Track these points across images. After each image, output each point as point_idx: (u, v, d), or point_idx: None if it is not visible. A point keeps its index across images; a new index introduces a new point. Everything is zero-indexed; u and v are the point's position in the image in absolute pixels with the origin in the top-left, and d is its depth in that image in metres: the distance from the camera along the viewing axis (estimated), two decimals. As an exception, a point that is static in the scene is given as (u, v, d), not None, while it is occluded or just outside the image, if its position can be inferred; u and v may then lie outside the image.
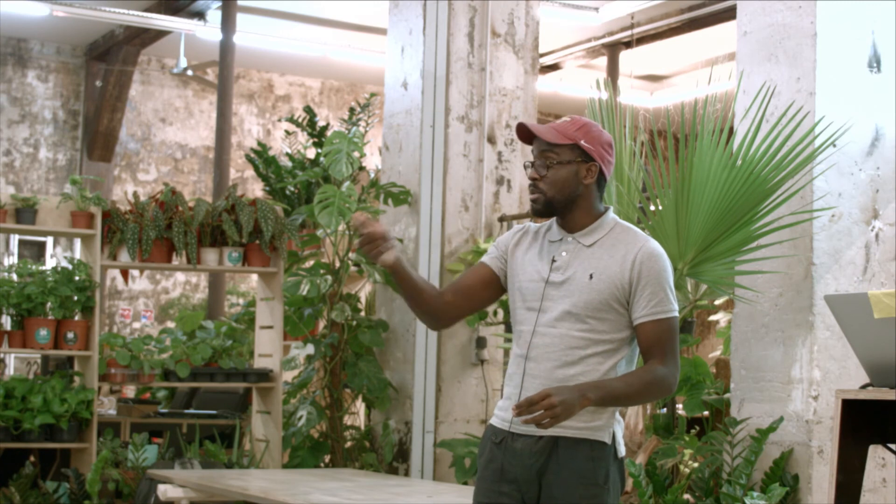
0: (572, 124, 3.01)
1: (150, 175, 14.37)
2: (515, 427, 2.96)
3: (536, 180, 3.00)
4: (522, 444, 2.95)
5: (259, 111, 14.94)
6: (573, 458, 2.90)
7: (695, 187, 4.77)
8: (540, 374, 2.94)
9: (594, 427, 2.92)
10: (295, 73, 14.98)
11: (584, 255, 2.97)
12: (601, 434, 2.93)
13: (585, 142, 2.98)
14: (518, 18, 7.28)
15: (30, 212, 6.50)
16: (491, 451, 3.03)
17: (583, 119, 3.03)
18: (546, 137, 2.98)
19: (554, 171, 2.98)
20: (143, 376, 6.70)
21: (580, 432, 2.91)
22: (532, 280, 3.01)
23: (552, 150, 2.98)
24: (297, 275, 6.81)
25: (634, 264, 2.93)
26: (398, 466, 6.87)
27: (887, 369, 3.49)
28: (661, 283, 2.94)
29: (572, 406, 2.77)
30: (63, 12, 11.99)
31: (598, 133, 3.01)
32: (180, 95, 14.55)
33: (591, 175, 2.99)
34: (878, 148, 5.04)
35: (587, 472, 2.90)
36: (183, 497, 5.34)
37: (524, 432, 2.95)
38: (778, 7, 5.09)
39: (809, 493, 4.81)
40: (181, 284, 14.37)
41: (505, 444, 2.99)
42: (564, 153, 2.98)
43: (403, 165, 7.12)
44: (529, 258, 3.05)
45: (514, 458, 2.96)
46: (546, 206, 2.99)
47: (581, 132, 2.99)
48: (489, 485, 3.01)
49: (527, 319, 3.00)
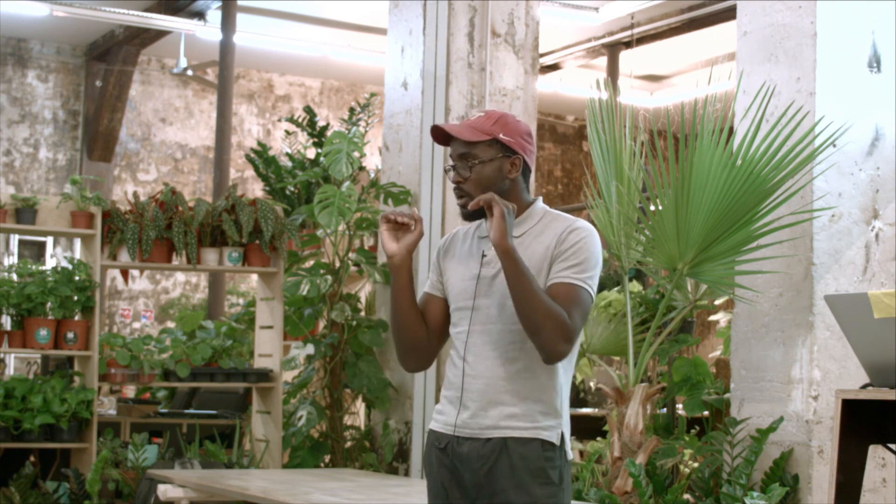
0: (488, 119, 2.89)
1: (150, 175, 14.37)
2: (460, 430, 2.86)
3: (461, 183, 2.88)
4: (469, 448, 2.84)
5: (259, 111, 14.94)
6: (525, 457, 2.80)
7: (695, 187, 4.77)
8: (482, 374, 2.84)
9: (543, 427, 2.82)
10: (295, 73, 14.99)
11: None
12: (550, 434, 2.82)
13: (504, 135, 2.87)
14: (518, 18, 7.28)
15: (30, 212, 6.50)
16: (437, 456, 2.91)
17: (497, 112, 2.92)
18: (463, 136, 2.86)
19: (477, 171, 2.86)
20: (143, 376, 6.70)
21: (528, 432, 2.81)
22: (463, 279, 2.90)
23: (472, 150, 2.87)
24: (297, 275, 6.82)
25: (559, 239, 2.82)
26: (398, 466, 6.87)
27: (887, 369, 3.49)
28: (580, 253, 2.80)
29: (500, 208, 2.69)
30: (63, 12, 11.99)
31: (516, 124, 2.90)
32: (180, 95, 14.55)
33: (516, 168, 2.89)
34: (878, 148, 5.04)
35: (541, 470, 2.80)
36: (183, 497, 5.34)
37: (469, 435, 2.84)
38: (778, 7, 5.09)
39: (809, 493, 4.81)
40: (181, 284, 14.37)
41: (451, 449, 2.87)
42: (485, 151, 2.86)
43: (403, 165, 7.12)
44: (459, 258, 2.94)
45: (462, 462, 2.85)
46: (475, 209, 2.83)
47: (498, 126, 2.88)
48: (439, 492, 2.90)
49: (462, 320, 2.90)
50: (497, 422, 2.83)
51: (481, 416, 2.84)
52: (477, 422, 2.84)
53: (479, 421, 2.84)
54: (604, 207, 5.24)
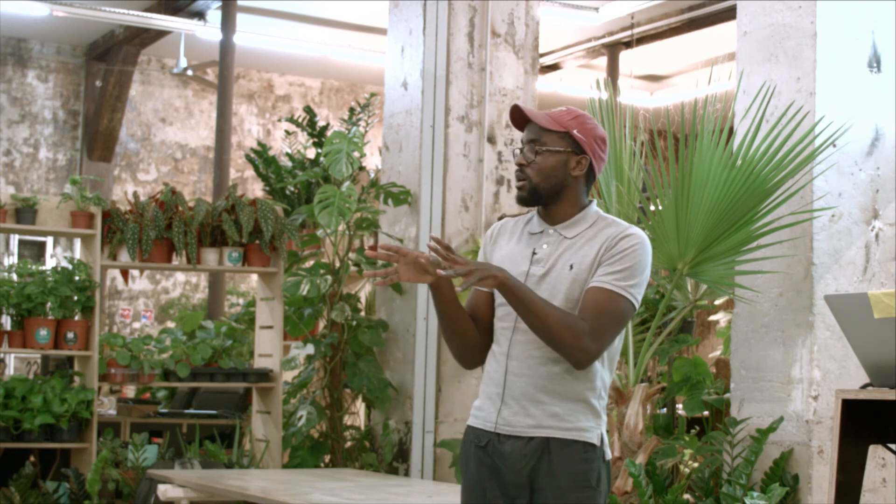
0: (567, 113, 2.93)
1: (150, 175, 14.37)
2: (501, 428, 2.85)
3: (523, 166, 2.89)
4: (511, 447, 2.83)
5: (259, 111, 14.94)
6: (566, 459, 2.80)
7: (695, 187, 4.77)
8: (524, 373, 2.84)
9: (584, 428, 2.83)
10: (295, 73, 14.99)
11: (565, 246, 2.86)
12: (591, 436, 2.83)
13: (578, 132, 2.89)
14: (518, 18, 7.28)
15: (30, 212, 6.50)
16: (476, 454, 2.90)
17: (579, 111, 2.95)
18: (539, 122, 2.89)
19: (542, 158, 2.88)
20: (143, 376, 6.70)
21: (570, 433, 2.82)
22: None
23: (543, 137, 2.89)
24: (297, 275, 6.81)
25: (609, 244, 2.83)
26: (398, 466, 6.87)
27: (887, 369, 3.49)
28: (626, 260, 2.80)
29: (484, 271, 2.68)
30: (63, 12, 11.99)
31: (593, 126, 2.93)
32: (180, 95, 14.55)
33: (581, 168, 2.90)
34: (878, 148, 5.04)
35: (580, 474, 2.81)
36: (183, 497, 5.34)
37: (511, 433, 2.84)
38: (778, 7, 5.09)
39: (809, 493, 4.81)
40: (181, 284, 14.37)
41: (492, 447, 2.87)
42: (555, 141, 2.89)
43: (403, 165, 7.12)
44: (508, 253, 2.93)
45: (503, 461, 2.84)
46: (531, 194, 2.88)
47: (575, 122, 2.91)
48: (476, 489, 2.90)
49: (507, 316, 2.88)
50: (540, 421, 2.83)
51: (523, 414, 2.84)
52: (519, 420, 2.84)
53: (522, 419, 2.84)
54: (604, 207, 5.24)
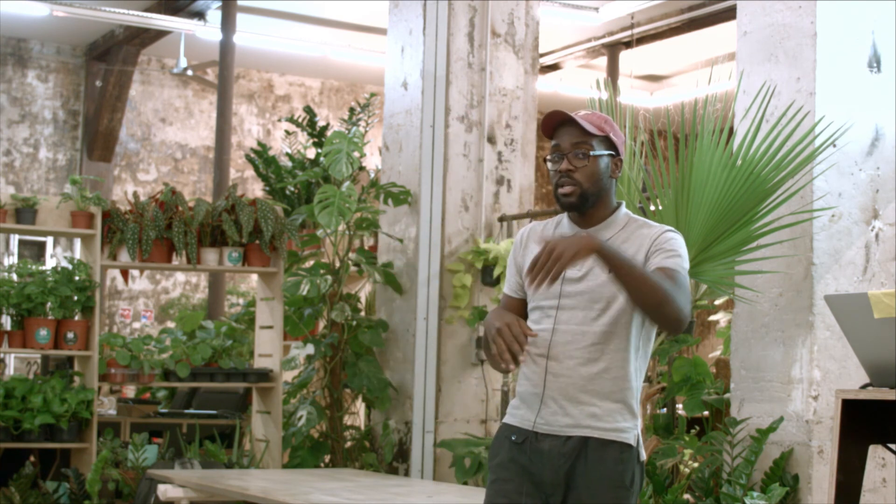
0: (599, 117, 2.94)
1: (150, 175, 14.36)
2: (539, 426, 2.88)
3: (572, 172, 2.88)
4: (550, 445, 2.86)
5: (259, 111, 14.93)
6: (602, 460, 2.83)
7: (695, 187, 4.77)
8: (563, 373, 2.86)
9: (622, 429, 2.86)
10: (295, 73, 14.98)
11: None
12: (627, 436, 2.86)
13: (613, 136, 2.92)
14: (518, 18, 7.28)
15: (30, 212, 6.50)
16: (510, 450, 2.92)
17: (602, 113, 2.97)
18: (586, 127, 2.89)
19: (592, 163, 2.88)
20: (143, 376, 6.70)
21: (609, 434, 2.84)
22: None
23: (589, 141, 2.89)
24: (297, 275, 6.81)
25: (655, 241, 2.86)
26: (398, 466, 6.87)
27: (887, 369, 3.49)
28: (676, 248, 2.85)
29: (573, 243, 2.66)
30: (63, 12, 11.99)
31: (619, 130, 2.98)
32: (180, 95, 14.55)
33: (619, 170, 2.94)
34: (878, 148, 5.04)
35: (615, 474, 2.84)
36: (183, 497, 5.34)
37: (549, 432, 2.87)
38: (778, 7, 5.09)
39: (809, 493, 4.81)
40: (181, 284, 14.37)
41: (529, 445, 2.89)
42: (600, 145, 2.91)
43: (403, 165, 7.12)
44: None
45: (541, 459, 2.87)
46: (581, 199, 2.88)
47: (608, 126, 2.93)
48: (509, 486, 2.91)
49: (545, 318, 2.91)
50: (579, 420, 2.85)
51: (562, 413, 2.87)
52: (557, 419, 2.87)
53: (560, 419, 2.87)
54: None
